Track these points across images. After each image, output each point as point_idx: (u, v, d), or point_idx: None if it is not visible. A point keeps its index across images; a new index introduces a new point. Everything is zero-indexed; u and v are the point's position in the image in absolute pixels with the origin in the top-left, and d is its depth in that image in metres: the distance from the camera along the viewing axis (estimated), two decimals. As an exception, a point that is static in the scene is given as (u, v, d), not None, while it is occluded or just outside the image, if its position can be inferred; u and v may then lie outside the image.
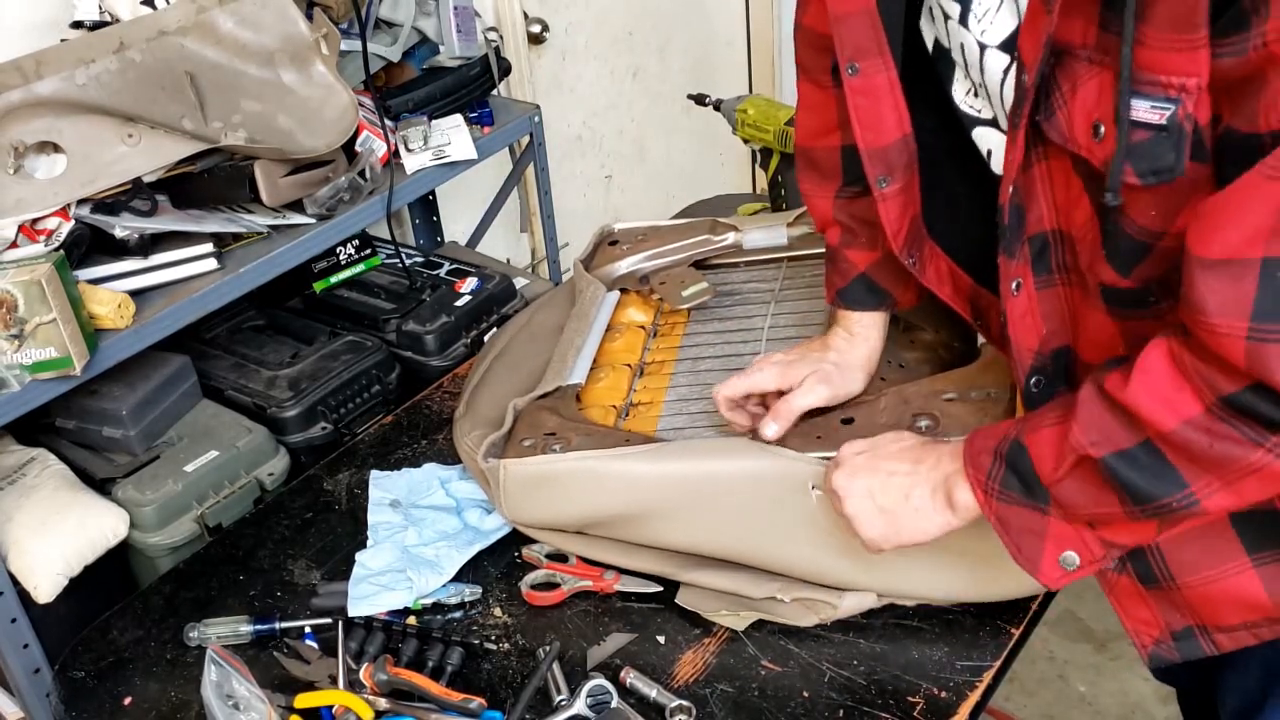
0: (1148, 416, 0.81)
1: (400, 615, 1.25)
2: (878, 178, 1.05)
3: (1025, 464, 0.90)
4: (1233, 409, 0.77)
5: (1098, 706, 2.18)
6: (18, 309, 1.33)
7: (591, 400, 1.39)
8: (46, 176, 1.51)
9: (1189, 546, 0.97)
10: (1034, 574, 0.93)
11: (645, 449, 1.20)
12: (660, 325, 1.54)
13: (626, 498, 1.20)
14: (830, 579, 1.18)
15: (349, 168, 1.72)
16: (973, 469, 0.95)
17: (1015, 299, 0.96)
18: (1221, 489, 0.81)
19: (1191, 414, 0.79)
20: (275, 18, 1.51)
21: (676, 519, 1.19)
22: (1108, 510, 0.87)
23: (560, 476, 1.22)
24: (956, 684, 1.11)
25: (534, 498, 1.25)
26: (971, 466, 0.95)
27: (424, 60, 2.03)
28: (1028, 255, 0.95)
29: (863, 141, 1.05)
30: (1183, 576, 0.98)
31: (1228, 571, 0.97)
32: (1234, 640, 1.01)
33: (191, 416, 1.72)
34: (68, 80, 1.46)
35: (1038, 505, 0.91)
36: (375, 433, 1.61)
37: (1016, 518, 0.92)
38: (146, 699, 1.22)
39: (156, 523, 1.56)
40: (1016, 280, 0.95)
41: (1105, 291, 0.91)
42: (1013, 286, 0.96)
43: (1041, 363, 0.98)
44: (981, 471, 0.94)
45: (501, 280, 1.99)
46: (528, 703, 1.12)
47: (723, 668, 1.16)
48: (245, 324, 1.94)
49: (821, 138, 1.21)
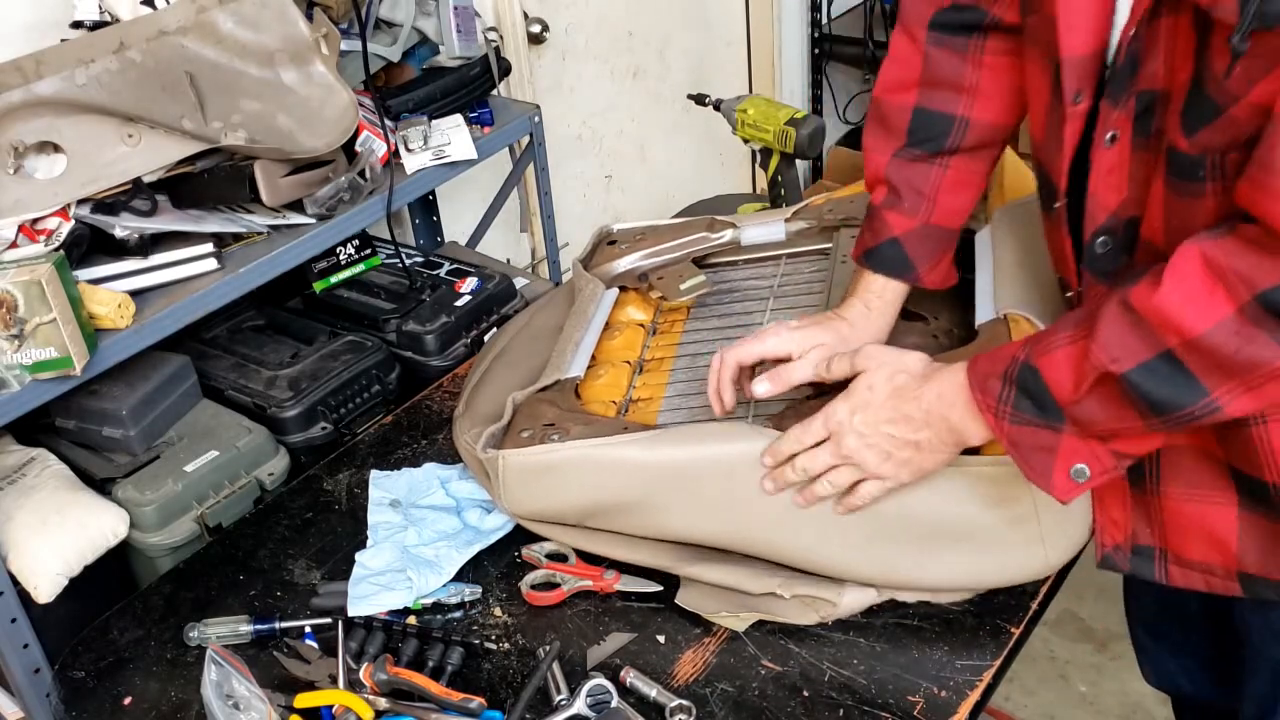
0: (1178, 320, 0.81)
1: (400, 615, 1.25)
2: (1074, 93, 0.97)
3: (1039, 386, 0.91)
4: (1267, 306, 0.78)
5: (1098, 706, 2.18)
6: (18, 309, 1.33)
7: (591, 396, 1.39)
8: (46, 176, 1.51)
9: (1187, 459, 0.98)
10: (1045, 488, 0.95)
11: (643, 435, 1.20)
12: (659, 323, 1.54)
13: (626, 485, 1.19)
14: (831, 567, 1.17)
15: (349, 168, 1.72)
16: (980, 394, 0.96)
17: (1107, 151, 0.94)
18: (1245, 393, 0.82)
19: (1223, 315, 0.80)
20: (275, 18, 1.51)
21: (677, 507, 1.19)
22: (1128, 425, 0.88)
23: (559, 466, 1.22)
24: (956, 684, 1.11)
25: (533, 488, 1.25)
26: (979, 392, 0.96)
27: (424, 60, 2.03)
28: (1132, 110, 0.92)
29: (1065, 49, 0.96)
30: (1169, 485, 0.99)
31: (1213, 497, 0.98)
32: (1185, 578, 1.03)
33: (191, 416, 1.72)
34: (68, 80, 1.46)
35: (1051, 424, 0.92)
36: (375, 433, 1.61)
37: (1029, 438, 0.94)
38: (146, 699, 1.22)
39: (156, 523, 1.56)
40: (1114, 132, 0.93)
41: (1168, 156, 0.90)
42: (1107, 137, 0.94)
43: (1114, 225, 0.97)
44: (991, 396, 0.95)
45: (501, 280, 1.99)
46: (528, 702, 1.12)
47: (723, 667, 1.16)
48: (245, 324, 1.94)
49: (898, 93, 1.19)
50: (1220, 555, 1.00)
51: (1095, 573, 1.13)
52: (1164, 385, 0.84)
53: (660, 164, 3.10)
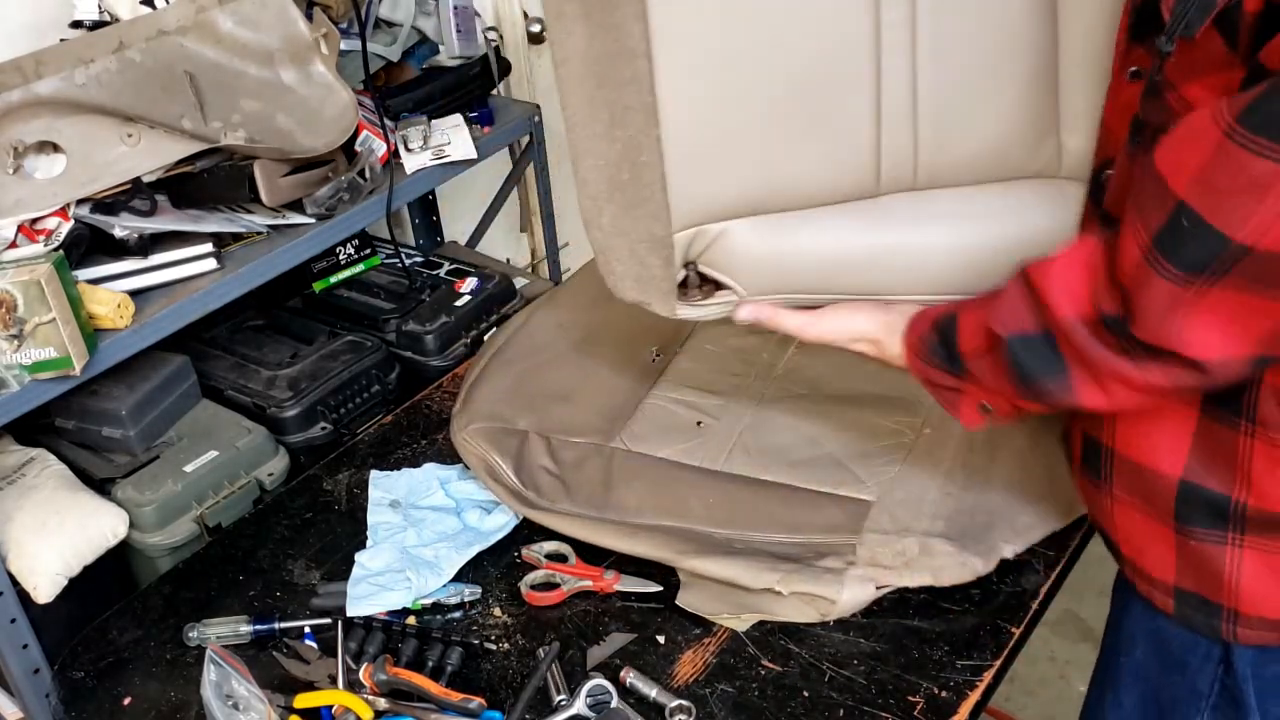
0: (1048, 299, 0.85)
1: (400, 615, 1.25)
2: None
3: (951, 336, 0.98)
4: (1107, 326, 0.82)
5: (1098, 706, 2.18)
6: (17, 309, 1.33)
7: None
8: (46, 176, 1.50)
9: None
10: (955, 416, 1.02)
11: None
12: None
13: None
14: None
15: (349, 167, 1.72)
16: (910, 333, 1.03)
17: (1128, 85, 0.93)
18: (1093, 384, 0.86)
19: (1082, 312, 0.84)
20: (275, 17, 1.51)
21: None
22: (1004, 391, 0.94)
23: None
24: (956, 684, 1.10)
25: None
26: (910, 332, 1.03)
27: (424, 60, 2.03)
28: (1156, 50, 0.89)
29: None
30: (1121, 489, 1.00)
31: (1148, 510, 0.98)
32: (1134, 575, 1.02)
33: (191, 416, 1.72)
34: (67, 80, 1.46)
35: (956, 373, 0.99)
36: (375, 433, 1.61)
37: (939, 379, 1.01)
38: (146, 699, 1.22)
39: (156, 523, 1.56)
40: (1137, 68, 0.92)
41: (1133, 119, 0.90)
42: (1130, 72, 0.93)
43: (1122, 160, 0.95)
44: (915, 336, 1.02)
45: (501, 280, 1.99)
46: (528, 703, 1.12)
47: (723, 668, 1.16)
48: (245, 324, 1.94)
49: None
50: (1156, 567, 0.99)
51: (1095, 573, 1.13)
52: (1034, 357, 0.88)
53: (660, 164, 3.09)
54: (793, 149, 1.07)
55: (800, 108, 1.05)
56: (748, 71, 1.04)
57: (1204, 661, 0.99)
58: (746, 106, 1.05)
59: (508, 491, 1.37)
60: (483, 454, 1.40)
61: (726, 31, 1.03)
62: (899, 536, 1.23)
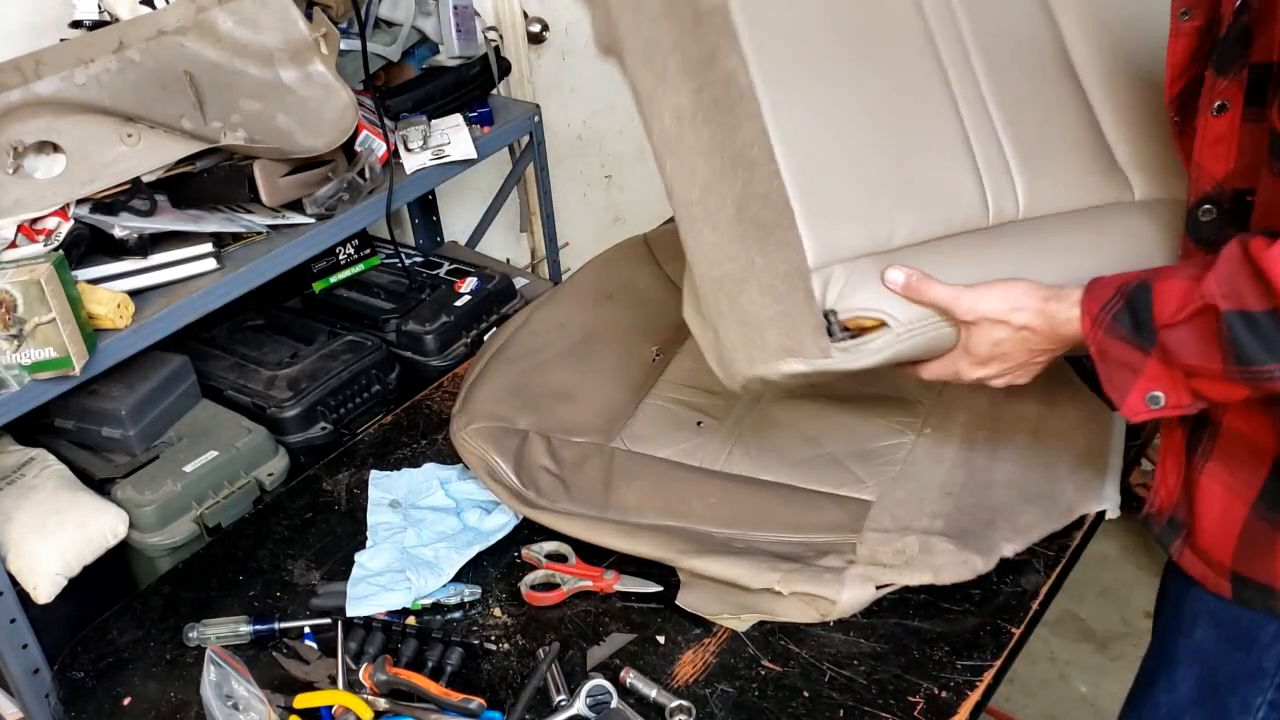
0: (1277, 281, 0.82)
1: (400, 615, 1.25)
2: (1181, 10, 0.97)
3: (1144, 303, 0.92)
4: None
5: (1099, 707, 2.17)
6: (17, 309, 1.33)
7: None
8: (45, 176, 1.50)
9: (1240, 447, 0.99)
10: (1119, 403, 0.95)
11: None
12: None
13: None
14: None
15: (348, 167, 1.72)
16: (1089, 299, 0.97)
17: (1214, 120, 0.94)
18: None
19: None
20: (275, 17, 1.51)
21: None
22: (1208, 365, 0.89)
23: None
24: (957, 684, 1.10)
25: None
26: (1089, 297, 0.97)
27: (424, 60, 2.03)
28: (1244, 81, 0.91)
29: None
30: (1213, 462, 1.00)
31: (1236, 487, 0.98)
32: (1192, 564, 1.04)
33: (191, 416, 1.72)
34: (67, 80, 1.46)
35: (1141, 345, 0.92)
36: (375, 433, 1.61)
37: (1117, 351, 0.94)
38: (146, 699, 1.22)
39: (156, 523, 1.56)
40: (1222, 101, 0.93)
41: (1270, 137, 0.89)
42: (1215, 106, 0.93)
43: (1219, 194, 0.96)
44: (1097, 302, 0.96)
45: (501, 280, 1.99)
46: (527, 703, 1.12)
47: (723, 668, 1.16)
48: (245, 324, 1.94)
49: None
50: (1220, 549, 1.00)
51: (1095, 573, 1.13)
52: (1257, 338, 0.85)
53: (660, 164, 3.09)
54: (906, 197, 1.12)
55: (908, 165, 1.13)
56: (852, 132, 1.12)
57: (1274, 639, 0.99)
58: (858, 165, 1.11)
59: (508, 491, 1.37)
60: (482, 454, 1.40)
61: (824, 91, 1.12)
62: (899, 535, 1.23)
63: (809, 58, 1.13)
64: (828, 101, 1.12)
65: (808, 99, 1.12)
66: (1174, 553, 1.06)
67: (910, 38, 1.18)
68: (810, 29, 1.15)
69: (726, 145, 1.08)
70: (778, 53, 1.12)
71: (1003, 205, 1.16)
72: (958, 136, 1.16)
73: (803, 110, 1.11)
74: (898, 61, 1.17)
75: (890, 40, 1.17)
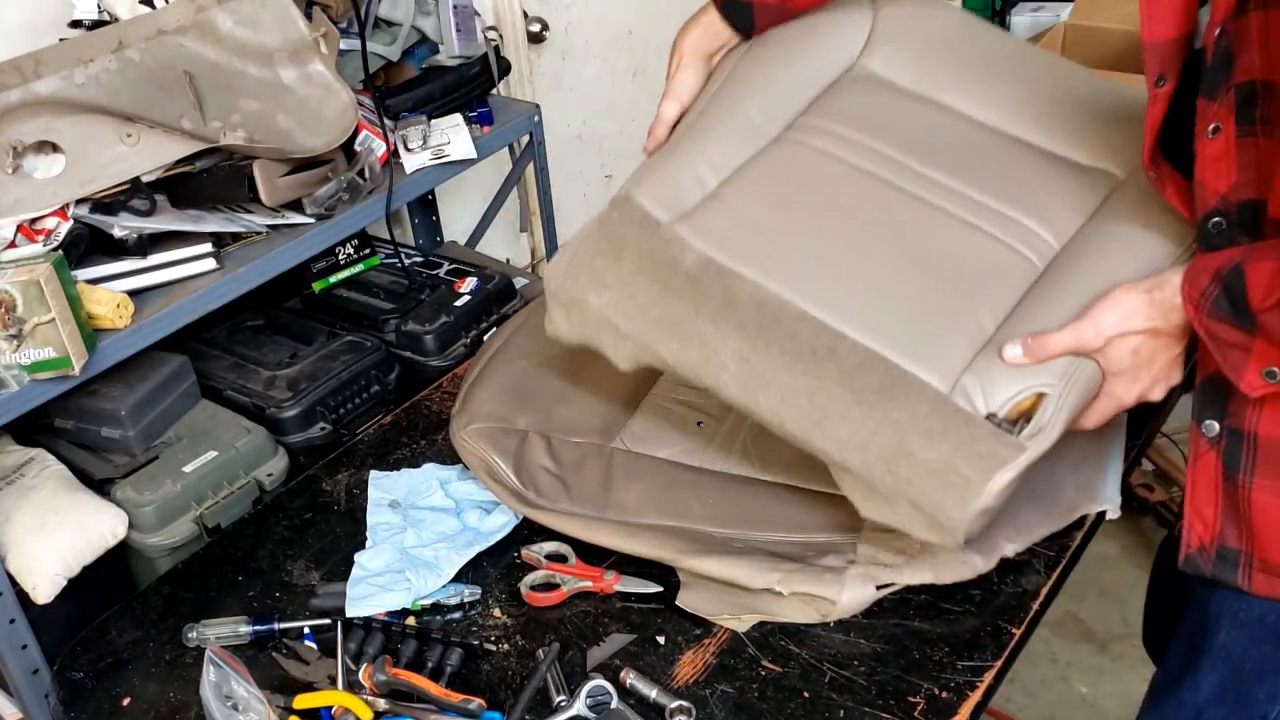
0: None
1: (399, 616, 1.25)
2: (1156, 76, 1.03)
3: (1239, 288, 0.93)
4: None
5: (1099, 708, 2.17)
6: (16, 309, 1.33)
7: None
8: (45, 176, 1.50)
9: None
10: (1237, 382, 0.97)
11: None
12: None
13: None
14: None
15: (348, 167, 1.72)
16: (1188, 284, 0.99)
17: (1211, 141, 0.98)
18: None
19: None
20: (274, 17, 1.51)
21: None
22: None
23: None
24: (957, 684, 1.10)
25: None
26: (1188, 283, 0.99)
27: (423, 59, 2.03)
28: (1232, 102, 0.96)
29: (1147, 34, 1.02)
30: (1263, 477, 1.00)
31: None
32: (1268, 585, 1.03)
33: (190, 417, 1.72)
34: (66, 80, 1.46)
35: (1244, 328, 0.94)
36: (374, 433, 1.61)
37: (1225, 334, 0.96)
38: (145, 700, 1.22)
39: (155, 523, 1.56)
40: (1215, 124, 0.97)
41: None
42: (1209, 129, 0.97)
43: (1225, 208, 0.99)
44: (1196, 289, 0.98)
45: (501, 280, 1.98)
46: (527, 703, 1.12)
47: (723, 668, 1.15)
48: (244, 324, 1.94)
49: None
50: None
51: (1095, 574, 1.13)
52: None
53: (660, 164, 3.09)
54: (965, 288, 1.18)
55: (942, 266, 1.20)
56: (880, 273, 1.19)
57: None
58: (904, 292, 1.18)
59: (508, 491, 1.37)
60: (482, 454, 1.40)
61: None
62: (900, 535, 1.23)
63: (803, 245, 1.21)
64: (844, 266, 1.19)
65: (830, 274, 1.19)
66: (1242, 583, 1.04)
67: (871, 187, 1.26)
68: (788, 228, 1.23)
69: (799, 350, 1.13)
70: (777, 259, 1.20)
71: (1040, 249, 1.21)
72: (956, 222, 1.22)
73: (832, 284, 1.18)
74: (874, 206, 1.24)
75: (854, 198, 1.25)
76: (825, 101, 1.36)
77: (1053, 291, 1.16)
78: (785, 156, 1.30)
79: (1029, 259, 1.20)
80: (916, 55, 1.40)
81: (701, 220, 1.24)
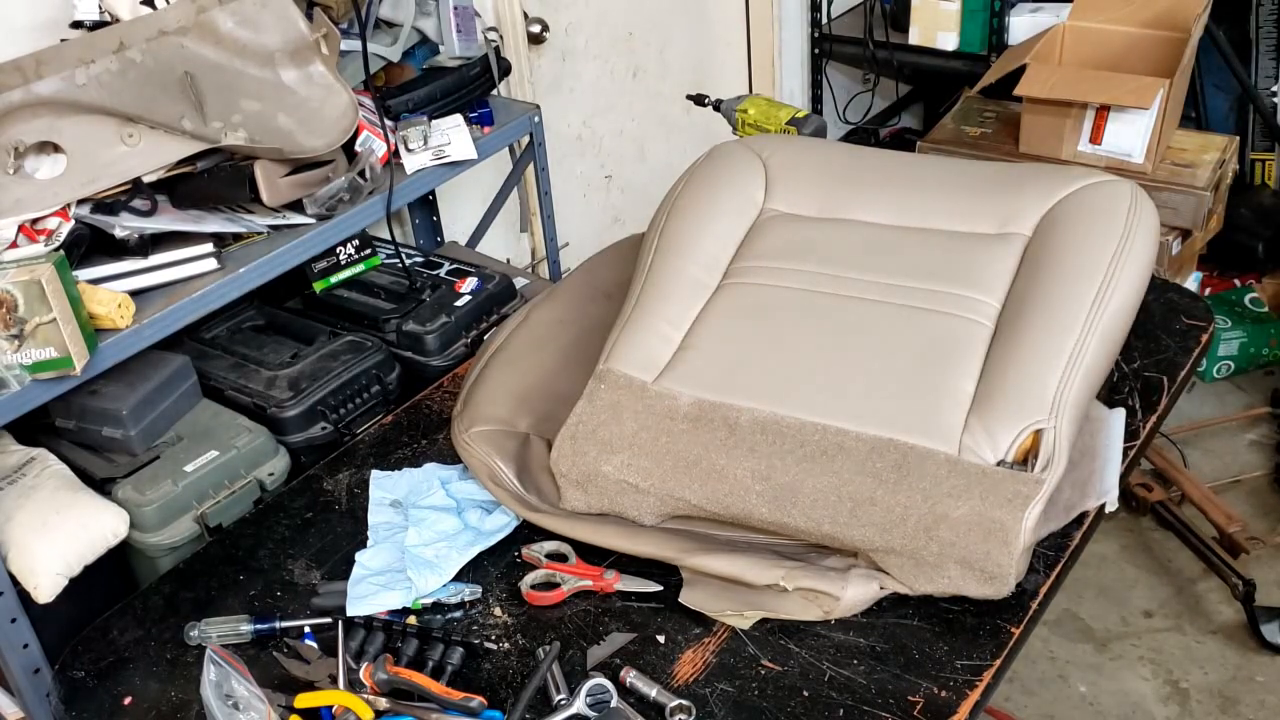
0: None
1: (400, 615, 1.25)
2: None
3: None
4: None
5: (1098, 707, 2.18)
6: (18, 309, 1.33)
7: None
8: (46, 176, 1.51)
9: None
10: None
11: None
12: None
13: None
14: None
15: (349, 168, 1.72)
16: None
17: None
18: None
19: None
20: (275, 18, 1.51)
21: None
22: None
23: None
24: (956, 683, 1.11)
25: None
26: None
27: (424, 60, 2.03)
28: None
29: None
30: None
31: None
32: None
33: (191, 416, 1.72)
34: (68, 80, 1.46)
35: None
36: (375, 433, 1.61)
37: None
38: (146, 699, 1.22)
39: (156, 523, 1.56)
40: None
41: None
42: None
43: None
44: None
45: (501, 280, 1.99)
46: (528, 702, 1.12)
47: (723, 667, 1.16)
48: (245, 324, 1.94)
49: None
50: None
51: (1095, 573, 1.14)
52: None
53: (660, 164, 3.09)
54: (948, 358, 1.33)
55: (916, 344, 1.34)
56: (870, 369, 1.33)
57: None
58: (891, 379, 1.31)
59: (510, 496, 1.37)
60: (485, 458, 1.40)
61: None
62: None
63: (777, 366, 1.34)
64: (821, 373, 1.32)
65: (810, 383, 1.31)
66: None
67: (818, 301, 1.42)
68: (758, 356, 1.36)
69: (811, 454, 1.23)
70: (759, 384, 1.32)
71: (985, 312, 1.37)
72: (906, 310, 1.38)
73: (815, 391, 1.30)
74: (827, 316, 1.40)
75: (806, 314, 1.40)
76: (748, 245, 1.53)
77: (1011, 343, 1.31)
78: (733, 298, 1.45)
79: (980, 323, 1.35)
80: (810, 187, 1.58)
81: (681, 370, 1.36)
